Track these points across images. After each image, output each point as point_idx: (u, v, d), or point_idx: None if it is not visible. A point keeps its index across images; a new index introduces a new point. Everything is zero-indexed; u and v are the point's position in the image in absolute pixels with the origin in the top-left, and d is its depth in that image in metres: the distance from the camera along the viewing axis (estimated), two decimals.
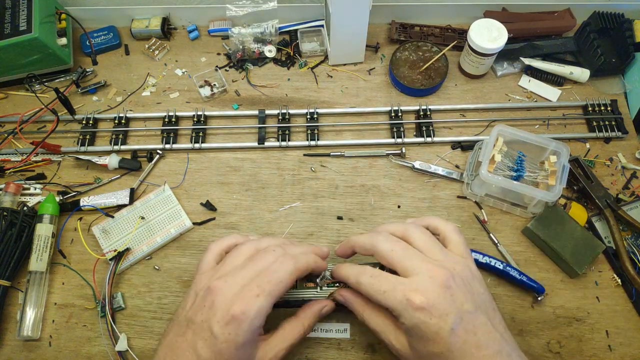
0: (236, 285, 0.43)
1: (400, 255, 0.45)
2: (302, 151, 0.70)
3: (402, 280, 0.43)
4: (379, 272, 0.46)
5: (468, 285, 0.44)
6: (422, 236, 0.47)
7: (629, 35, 0.71)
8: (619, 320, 0.58)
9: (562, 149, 0.61)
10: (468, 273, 0.45)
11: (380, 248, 0.46)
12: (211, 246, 0.50)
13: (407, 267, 0.44)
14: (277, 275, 0.44)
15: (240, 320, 0.41)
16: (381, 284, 0.44)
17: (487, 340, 0.42)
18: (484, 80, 0.76)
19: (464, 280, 0.44)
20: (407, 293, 0.42)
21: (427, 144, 0.70)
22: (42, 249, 0.59)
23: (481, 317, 0.43)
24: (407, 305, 0.41)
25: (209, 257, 0.49)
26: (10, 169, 0.67)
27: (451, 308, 0.41)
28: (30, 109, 0.70)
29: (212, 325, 0.41)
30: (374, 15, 0.69)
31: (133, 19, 0.79)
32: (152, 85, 0.76)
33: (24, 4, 0.69)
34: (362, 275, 0.46)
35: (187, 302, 0.46)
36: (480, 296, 0.44)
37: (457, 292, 0.42)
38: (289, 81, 0.76)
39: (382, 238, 0.47)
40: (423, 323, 0.41)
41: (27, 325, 0.56)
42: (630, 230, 0.63)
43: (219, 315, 0.41)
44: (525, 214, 0.64)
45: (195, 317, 0.43)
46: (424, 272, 0.43)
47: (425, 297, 0.41)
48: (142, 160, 0.68)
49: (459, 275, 0.43)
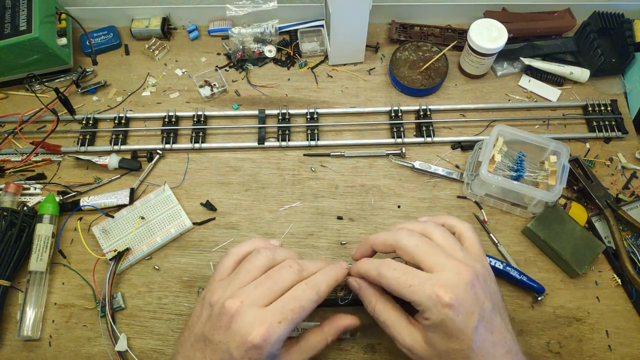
0: (254, 307, 0.41)
1: (426, 251, 0.44)
2: (302, 151, 0.70)
3: (429, 275, 0.43)
4: (404, 265, 0.45)
5: (486, 285, 0.44)
6: (443, 234, 0.46)
7: (629, 35, 0.71)
8: (619, 320, 0.58)
9: (562, 149, 0.61)
10: (486, 272, 0.45)
11: (405, 243, 0.45)
12: (232, 250, 0.49)
13: (434, 263, 0.43)
14: (302, 304, 0.43)
15: (261, 347, 0.40)
16: (407, 278, 0.43)
17: (500, 340, 0.42)
18: (484, 80, 0.76)
19: (484, 279, 0.44)
20: (436, 289, 0.41)
21: (427, 144, 0.70)
22: (42, 249, 0.59)
23: (497, 317, 0.43)
24: (437, 301, 0.41)
25: (229, 262, 0.47)
26: (10, 169, 0.67)
27: (476, 306, 0.41)
28: (30, 109, 0.70)
29: (231, 350, 0.40)
30: (374, 15, 0.69)
31: (133, 19, 0.79)
32: (152, 85, 0.76)
33: (24, 4, 0.69)
34: (385, 268, 0.45)
35: (202, 312, 0.44)
36: (495, 295, 0.45)
37: (479, 290, 0.42)
38: (289, 81, 0.76)
39: (405, 233, 0.46)
40: (450, 320, 0.40)
41: (27, 325, 0.56)
42: (630, 230, 0.63)
43: (238, 341, 0.40)
44: (525, 214, 0.64)
45: (213, 337, 0.42)
46: (451, 269, 0.42)
47: (454, 294, 0.41)
48: (142, 160, 0.68)
49: (480, 274, 0.43)
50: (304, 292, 0.43)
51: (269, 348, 0.40)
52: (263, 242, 0.50)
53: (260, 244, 0.49)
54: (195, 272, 0.61)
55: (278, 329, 0.40)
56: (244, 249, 0.49)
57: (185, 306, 0.59)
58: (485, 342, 0.41)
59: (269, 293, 0.43)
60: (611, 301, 0.59)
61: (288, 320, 0.41)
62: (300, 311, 0.42)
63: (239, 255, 0.48)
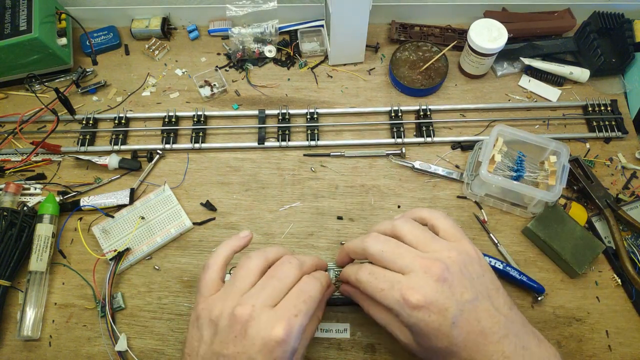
0: (266, 309, 0.41)
1: (391, 255, 0.44)
2: (302, 151, 0.70)
3: (398, 278, 0.42)
4: (377, 269, 0.45)
5: (465, 272, 0.42)
6: (412, 230, 0.46)
7: (629, 35, 0.71)
8: (619, 320, 0.58)
9: (562, 149, 0.61)
10: (464, 257, 0.43)
11: (371, 251, 0.45)
12: (209, 263, 0.46)
13: (400, 266, 0.43)
14: (311, 294, 0.43)
15: (285, 342, 0.39)
16: (378, 282, 0.43)
17: (492, 326, 0.41)
18: (484, 80, 0.76)
19: (461, 268, 0.42)
20: (403, 292, 0.41)
21: (427, 144, 0.70)
22: (42, 249, 0.59)
23: (483, 303, 0.42)
24: (404, 304, 0.41)
25: (211, 275, 0.45)
26: (10, 169, 0.67)
27: (450, 301, 0.40)
28: (30, 109, 0.70)
29: (253, 356, 0.39)
30: (374, 15, 0.69)
31: (133, 19, 0.79)
32: (152, 85, 0.76)
33: (24, 4, 0.69)
34: (360, 273, 0.45)
35: (202, 333, 0.42)
36: (480, 279, 0.43)
37: (454, 282, 0.41)
38: (289, 81, 0.76)
39: (371, 240, 0.46)
40: (422, 321, 0.40)
41: (27, 325, 0.56)
42: (630, 230, 0.63)
43: (259, 344, 0.39)
44: (525, 214, 0.64)
45: (227, 351, 0.40)
46: (418, 269, 0.42)
47: (422, 295, 0.40)
48: (142, 160, 0.68)
49: (454, 264, 0.42)
50: (308, 284, 0.44)
51: (292, 342, 0.40)
52: (237, 241, 0.49)
53: (236, 245, 0.49)
54: (195, 272, 0.61)
55: (296, 321, 0.41)
56: (221, 258, 0.47)
57: (185, 306, 0.59)
58: (471, 334, 0.40)
59: (277, 292, 0.42)
60: (611, 301, 0.59)
61: (303, 312, 0.41)
62: (311, 301, 0.43)
63: (218, 265, 0.46)
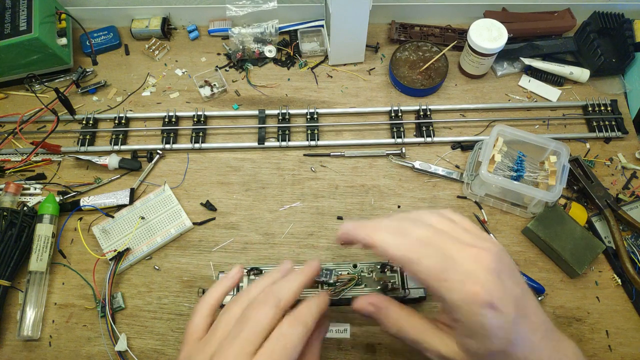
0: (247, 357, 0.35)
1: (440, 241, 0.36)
2: (302, 151, 0.70)
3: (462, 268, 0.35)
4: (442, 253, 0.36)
5: (509, 264, 0.37)
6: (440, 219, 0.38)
7: (629, 35, 0.71)
8: (619, 320, 0.58)
9: (562, 149, 0.61)
10: (500, 249, 0.37)
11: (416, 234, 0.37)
12: (196, 308, 0.42)
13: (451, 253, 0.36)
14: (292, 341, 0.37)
15: None
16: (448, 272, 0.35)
17: (538, 322, 0.37)
18: (484, 80, 0.76)
19: (504, 259, 0.36)
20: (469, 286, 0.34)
21: (427, 144, 0.70)
22: (42, 249, 0.59)
23: (529, 299, 0.37)
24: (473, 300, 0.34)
25: (196, 320, 0.41)
26: (10, 169, 0.67)
27: (508, 296, 0.34)
28: (30, 109, 0.70)
29: None
30: (374, 15, 0.69)
31: (133, 19, 0.79)
32: (152, 85, 0.76)
33: (24, 4, 0.69)
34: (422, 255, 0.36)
35: None
36: (518, 272, 0.38)
37: (504, 275, 0.35)
38: (289, 81, 0.76)
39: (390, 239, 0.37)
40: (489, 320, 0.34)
41: (27, 325, 0.56)
42: (630, 230, 0.63)
43: None
44: (525, 214, 0.64)
45: None
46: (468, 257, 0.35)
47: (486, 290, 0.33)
48: (142, 160, 0.68)
49: (499, 254, 0.36)
50: (290, 328, 0.37)
51: None
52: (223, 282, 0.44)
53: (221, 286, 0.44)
54: (195, 272, 0.61)
55: None
56: (208, 304, 0.43)
57: (185, 306, 0.59)
58: (526, 331, 0.35)
59: (252, 339, 0.36)
60: (611, 301, 0.59)
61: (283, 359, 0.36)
62: (292, 348, 0.36)
63: (205, 311, 0.42)
